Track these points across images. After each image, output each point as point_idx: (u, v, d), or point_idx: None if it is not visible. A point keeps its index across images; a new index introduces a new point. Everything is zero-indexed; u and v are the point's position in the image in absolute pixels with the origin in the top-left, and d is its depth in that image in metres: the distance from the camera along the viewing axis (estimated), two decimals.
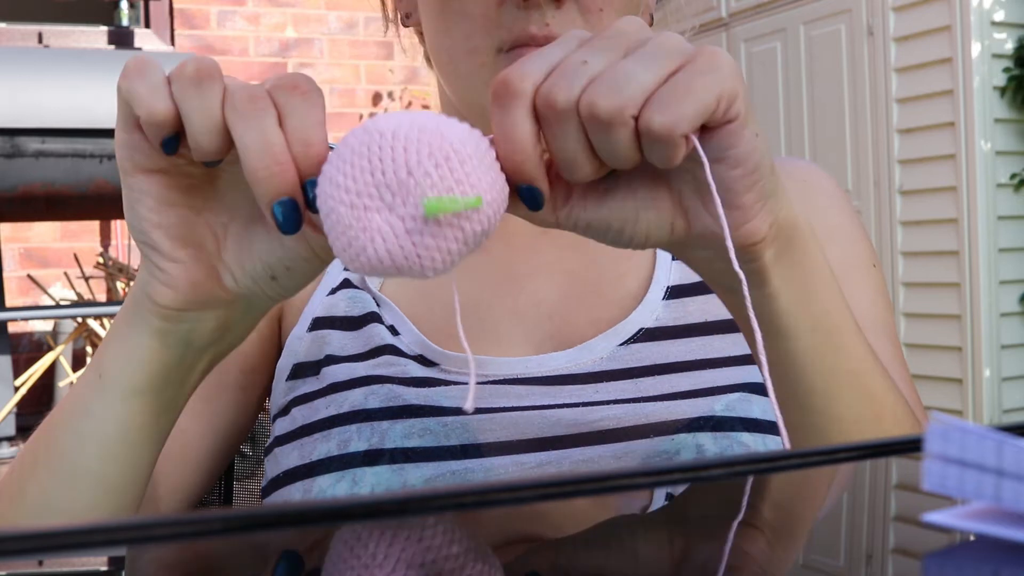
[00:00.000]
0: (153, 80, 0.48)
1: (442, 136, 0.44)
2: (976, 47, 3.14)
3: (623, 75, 0.44)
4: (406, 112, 0.46)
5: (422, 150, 0.44)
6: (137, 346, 0.53)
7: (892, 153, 3.39)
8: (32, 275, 3.92)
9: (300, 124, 0.46)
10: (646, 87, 0.44)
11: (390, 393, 0.68)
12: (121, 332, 0.54)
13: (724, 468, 0.43)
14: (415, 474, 0.65)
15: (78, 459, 0.56)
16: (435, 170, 0.44)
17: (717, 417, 0.67)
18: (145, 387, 0.54)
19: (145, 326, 0.53)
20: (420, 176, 0.44)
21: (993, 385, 3.18)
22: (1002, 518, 0.31)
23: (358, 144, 0.44)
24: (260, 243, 0.52)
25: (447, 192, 0.44)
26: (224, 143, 0.47)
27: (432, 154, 0.44)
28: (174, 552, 0.36)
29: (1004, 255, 3.21)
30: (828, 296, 0.54)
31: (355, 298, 0.74)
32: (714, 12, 4.10)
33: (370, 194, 0.44)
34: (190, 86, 0.47)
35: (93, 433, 0.55)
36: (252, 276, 0.52)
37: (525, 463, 0.66)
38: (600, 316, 0.73)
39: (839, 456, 0.46)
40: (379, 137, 0.44)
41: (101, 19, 4.12)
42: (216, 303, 0.53)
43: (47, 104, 2.85)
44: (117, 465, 0.56)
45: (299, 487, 0.68)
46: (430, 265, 0.45)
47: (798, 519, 0.42)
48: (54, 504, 0.57)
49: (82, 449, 0.56)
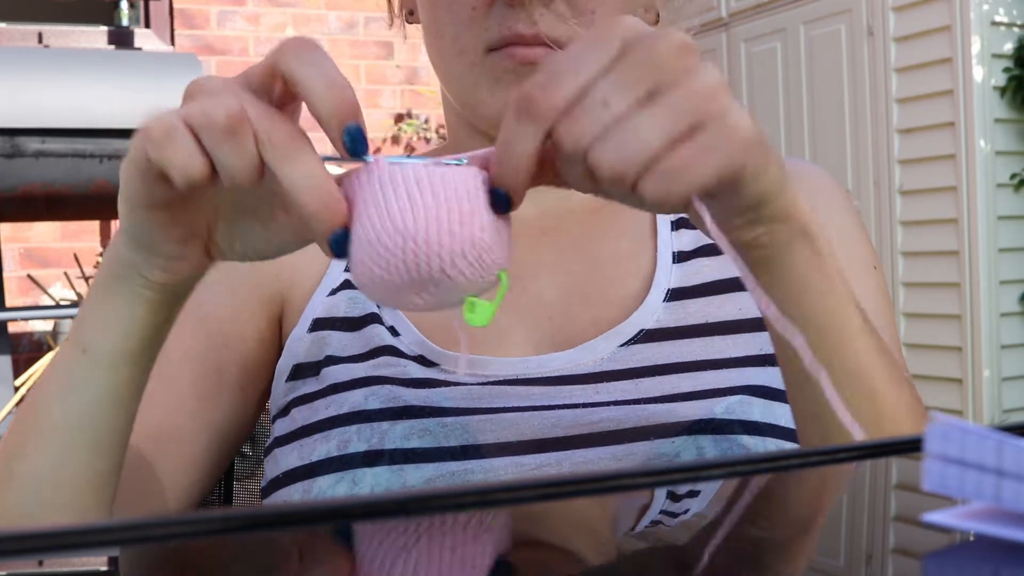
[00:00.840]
0: (184, 144, 0.47)
1: (471, 232, 0.48)
2: (976, 47, 3.14)
3: (632, 135, 0.45)
4: (430, 182, 0.48)
5: (455, 252, 0.48)
6: (125, 317, 0.55)
7: (892, 153, 3.39)
8: (32, 275, 3.92)
9: (323, 76, 0.46)
10: (651, 152, 0.45)
11: (390, 394, 0.68)
12: (104, 306, 0.55)
13: (724, 469, 0.43)
14: (415, 475, 0.65)
15: (67, 432, 0.57)
16: (468, 270, 0.48)
17: (718, 420, 0.67)
18: (135, 353, 0.56)
19: (134, 298, 0.54)
20: (456, 277, 0.48)
21: (993, 385, 3.18)
22: (1002, 518, 0.31)
23: (391, 244, 0.47)
24: (251, 233, 0.53)
25: (477, 279, 0.49)
26: (258, 176, 0.47)
27: (464, 254, 0.48)
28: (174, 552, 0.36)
29: (1004, 255, 3.21)
30: (821, 295, 0.54)
31: (355, 299, 0.74)
32: (714, 12, 4.09)
33: (408, 285, 0.48)
34: (224, 140, 0.46)
35: (82, 405, 0.56)
36: (242, 255, 0.54)
37: (525, 464, 0.66)
38: (601, 317, 0.73)
39: (839, 456, 0.46)
40: (413, 244, 0.47)
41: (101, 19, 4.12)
42: (206, 269, 0.55)
43: (47, 104, 2.85)
44: (105, 432, 0.58)
45: (299, 488, 0.68)
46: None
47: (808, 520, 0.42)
48: (44, 477, 0.58)
49: (71, 422, 0.57)
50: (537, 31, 0.66)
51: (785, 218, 0.52)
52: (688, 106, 0.45)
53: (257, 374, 0.76)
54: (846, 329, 0.55)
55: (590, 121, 0.45)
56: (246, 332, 0.75)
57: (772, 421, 0.69)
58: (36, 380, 0.61)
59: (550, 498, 0.39)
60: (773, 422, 0.69)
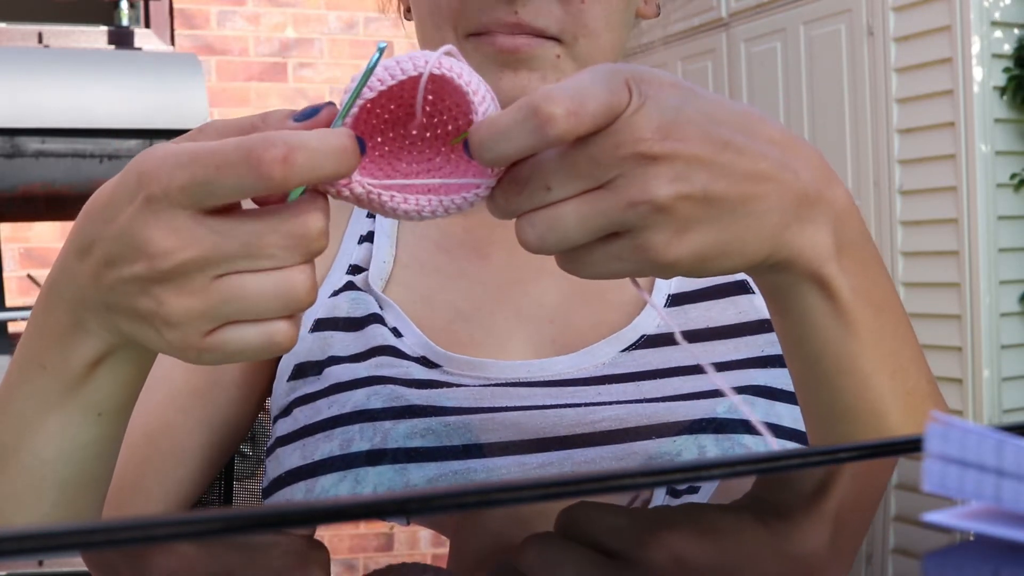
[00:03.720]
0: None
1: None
2: (976, 47, 3.14)
3: (556, 225, 0.46)
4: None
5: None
6: (125, 379, 0.51)
7: (892, 153, 3.39)
8: (32, 275, 3.92)
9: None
10: (568, 243, 0.46)
11: (392, 393, 0.68)
12: (47, 321, 0.50)
13: (725, 468, 0.43)
14: (417, 474, 0.65)
15: (43, 472, 0.53)
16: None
17: (719, 419, 0.67)
18: (128, 403, 0.53)
19: (133, 364, 0.51)
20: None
21: (993, 385, 3.18)
22: (1002, 518, 0.31)
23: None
24: None
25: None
26: None
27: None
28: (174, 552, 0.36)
29: (1004, 255, 3.21)
30: (833, 339, 0.53)
31: (357, 300, 0.74)
32: (714, 12, 4.09)
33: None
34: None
35: (61, 452, 0.52)
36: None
37: (527, 464, 0.66)
38: (602, 320, 0.73)
39: (839, 456, 0.46)
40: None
41: (101, 19, 4.11)
42: None
43: (47, 104, 2.85)
44: (88, 472, 0.54)
45: (301, 487, 0.68)
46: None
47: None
48: (18, 499, 0.54)
49: (47, 471, 0.53)
50: (518, 19, 0.66)
51: (786, 268, 0.50)
52: (613, 213, 0.45)
53: (256, 372, 0.76)
54: (861, 371, 0.53)
55: (529, 197, 0.46)
56: None
57: (774, 421, 0.69)
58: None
59: (551, 498, 0.39)
60: (775, 422, 0.69)
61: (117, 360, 0.50)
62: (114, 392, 0.52)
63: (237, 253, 0.43)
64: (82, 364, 0.50)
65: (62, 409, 0.51)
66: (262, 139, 0.42)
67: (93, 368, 0.50)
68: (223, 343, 0.45)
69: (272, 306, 0.44)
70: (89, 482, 0.55)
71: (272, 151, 0.42)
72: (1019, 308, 3.23)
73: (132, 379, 0.52)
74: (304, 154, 0.42)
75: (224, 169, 0.42)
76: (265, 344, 0.45)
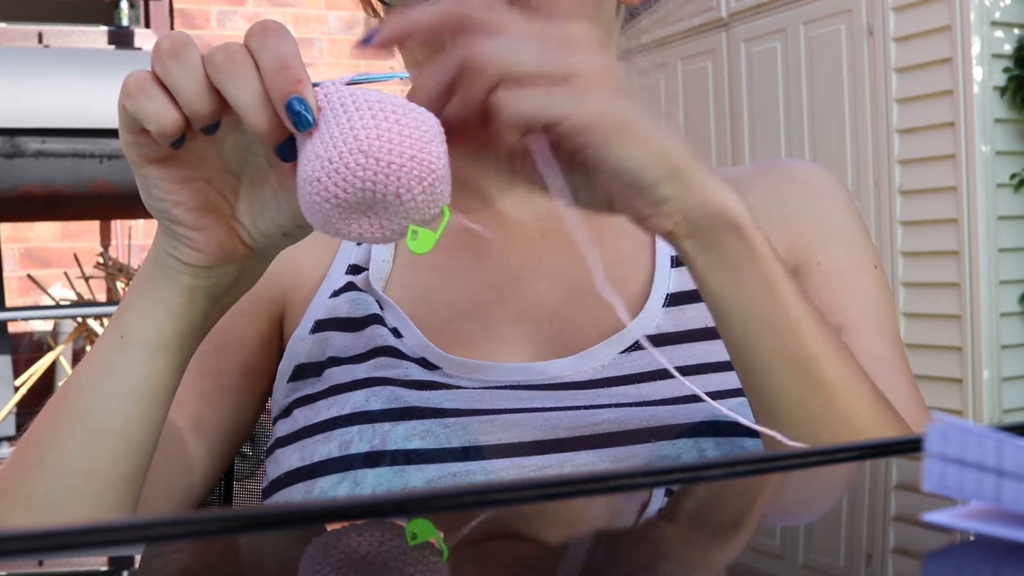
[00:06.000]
0: (155, 96, 0.51)
1: (430, 159, 0.50)
2: (976, 47, 3.14)
3: (511, 51, 0.51)
4: (392, 110, 0.50)
5: (413, 179, 0.50)
6: (165, 304, 0.57)
7: (892, 153, 3.39)
8: (32, 275, 3.92)
9: (272, 55, 0.50)
10: (521, 68, 0.51)
11: (391, 395, 0.68)
12: (144, 294, 0.58)
13: (724, 468, 0.43)
14: (416, 476, 0.65)
15: (102, 419, 0.58)
16: (421, 196, 0.50)
17: (719, 422, 0.67)
18: (171, 342, 0.58)
19: (173, 284, 0.57)
20: (408, 202, 0.50)
21: (993, 385, 3.18)
22: (1002, 518, 0.31)
23: (353, 161, 0.49)
24: (270, 205, 0.56)
25: (427, 207, 0.51)
26: (217, 104, 0.51)
27: (420, 181, 0.50)
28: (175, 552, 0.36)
29: (1004, 255, 3.21)
30: (765, 286, 0.56)
31: (357, 300, 0.74)
32: (714, 12, 4.09)
33: (358, 206, 0.50)
34: (169, 59, 0.50)
35: (118, 391, 0.58)
36: (266, 233, 0.57)
37: (526, 466, 0.66)
38: (601, 320, 0.73)
39: (839, 456, 0.46)
40: (375, 163, 0.49)
41: (101, 19, 4.12)
42: (238, 256, 0.57)
43: (47, 104, 2.85)
44: (138, 422, 0.59)
45: (300, 488, 0.68)
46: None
47: None
48: (76, 465, 0.59)
49: (105, 408, 0.58)
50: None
51: (699, 209, 0.54)
52: (562, 59, 0.52)
53: (258, 376, 0.76)
54: (784, 318, 0.56)
55: (489, 43, 0.52)
56: (247, 334, 0.75)
57: None
58: (75, 368, 0.63)
59: (550, 498, 0.39)
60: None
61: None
62: (135, 316, 0.58)
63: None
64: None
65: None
66: None
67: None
68: None
69: None
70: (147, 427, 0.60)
71: None
72: (1019, 308, 3.23)
73: (168, 314, 0.58)
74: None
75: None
76: None
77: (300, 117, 0.49)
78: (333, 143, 0.49)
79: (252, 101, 0.50)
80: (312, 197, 0.50)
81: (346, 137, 0.49)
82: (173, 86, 0.50)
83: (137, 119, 0.51)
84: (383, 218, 0.51)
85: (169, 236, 0.56)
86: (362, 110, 0.50)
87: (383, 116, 0.49)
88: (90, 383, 0.59)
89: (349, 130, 0.49)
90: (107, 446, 0.59)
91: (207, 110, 0.51)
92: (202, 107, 0.51)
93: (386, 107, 0.50)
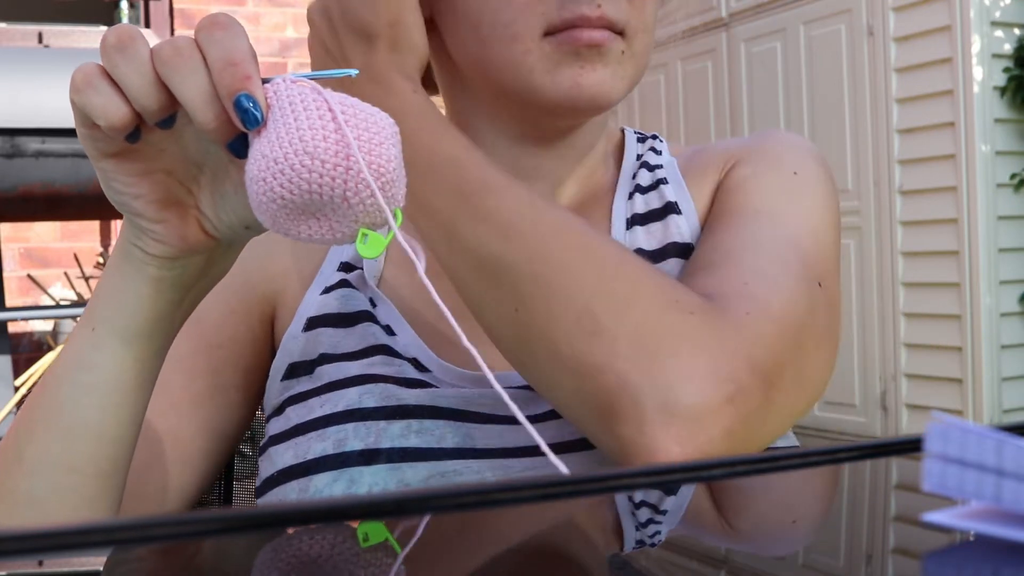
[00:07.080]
0: (103, 90, 0.50)
1: (379, 161, 0.49)
2: (976, 47, 3.14)
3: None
4: (342, 110, 0.49)
5: (360, 182, 0.48)
6: (133, 295, 0.57)
7: (892, 153, 3.39)
8: (32, 275, 3.92)
9: (221, 51, 0.49)
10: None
11: (385, 392, 0.68)
12: (113, 285, 0.58)
13: (724, 468, 0.43)
14: (412, 474, 0.65)
15: (77, 412, 0.58)
16: (370, 199, 0.49)
17: None
18: (141, 332, 0.58)
19: (140, 275, 0.57)
20: (356, 205, 0.49)
21: (993, 385, 3.18)
22: (1002, 518, 0.31)
23: (298, 162, 0.48)
24: (231, 198, 0.56)
25: (377, 211, 0.49)
26: (165, 99, 0.50)
27: (368, 184, 0.48)
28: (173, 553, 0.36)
29: (1004, 255, 3.21)
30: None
31: (349, 296, 0.74)
32: (714, 12, 4.09)
33: (305, 208, 0.49)
34: (115, 53, 0.50)
35: (91, 383, 0.58)
36: (228, 225, 0.56)
37: (517, 468, 0.66)
38: None
39: (839, 456, 0.46)
40: (320, 165, 0.48)
41: (101, 19, 4.12)
42: (203, 247, 0.57)
43: (47, 104, 2.84)
44: (114, 414, 0.59)
45: (295, 486, 0.68)
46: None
47: None
48: (54, 460, 0.58)
49: (80, 402, 0.58)
50: (602, 12, 0.66)
51: None
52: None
53: (251, 375, 0.76)
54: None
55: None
56: (239, 333, 0.75)
57: None
58: (51, 362, 0.63)
59: (550, 498, 0.39)
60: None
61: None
62: (106, 307, 0.58)
63: None
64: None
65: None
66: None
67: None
68: None
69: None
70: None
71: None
72: (1019, 308, 3.23)
73: (137, 304, 0.57)
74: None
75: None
76: None
77: (248, 114, 0.48)
78: (279, 143, 0.48)
79: (199, 98, 0.49)
80: (259, 197, 0.49)
81: (292, 137, 0.48)
82: (120, 80, 0.50)
83: (85, 114, 0.51)
84: (332, 220, 0.49)
85: (133, 228, 0.56)
86: (310, 110, 0.48)
87: (331, 116, 0.48)
88: (65, 376, 0.59)
89: (296, 130, 0.48)
90: (83, 439, 0.58)
91: (155, 105, 0.50)
92: (150, 102, 0.50)
93: (336, 107, 0.48)
